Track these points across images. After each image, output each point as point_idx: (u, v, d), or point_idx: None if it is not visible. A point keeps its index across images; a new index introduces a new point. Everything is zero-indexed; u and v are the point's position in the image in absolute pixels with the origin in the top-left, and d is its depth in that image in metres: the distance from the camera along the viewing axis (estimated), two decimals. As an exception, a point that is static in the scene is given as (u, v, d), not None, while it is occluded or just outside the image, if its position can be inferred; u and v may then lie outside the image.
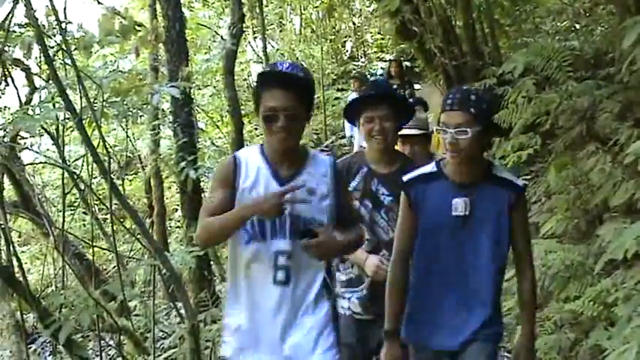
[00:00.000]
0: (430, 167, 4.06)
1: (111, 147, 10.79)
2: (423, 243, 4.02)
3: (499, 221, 3.91)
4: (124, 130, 11.87)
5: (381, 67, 24.94)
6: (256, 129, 22.47)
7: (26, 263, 14.78)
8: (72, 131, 9.31)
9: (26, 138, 9.84)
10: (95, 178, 9.84)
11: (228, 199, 3.75)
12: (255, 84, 3.95)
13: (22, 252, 15.29)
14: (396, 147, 5.03)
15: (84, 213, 15.11)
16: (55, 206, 13.77)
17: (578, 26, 12.30)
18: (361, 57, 28.53)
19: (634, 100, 7.90)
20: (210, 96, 21.50)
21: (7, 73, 8.12)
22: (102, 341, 8.47)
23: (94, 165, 6.99)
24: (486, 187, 3.92)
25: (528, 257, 4.09)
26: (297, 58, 26.33)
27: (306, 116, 3.77)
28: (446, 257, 3.96)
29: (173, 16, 10.68)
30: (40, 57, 7.96)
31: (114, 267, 12.63)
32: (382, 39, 28.23)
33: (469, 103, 3.71)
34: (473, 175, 3.91)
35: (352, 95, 11.79)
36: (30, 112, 7.18)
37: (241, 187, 3.78)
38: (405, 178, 4.07)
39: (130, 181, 20.09)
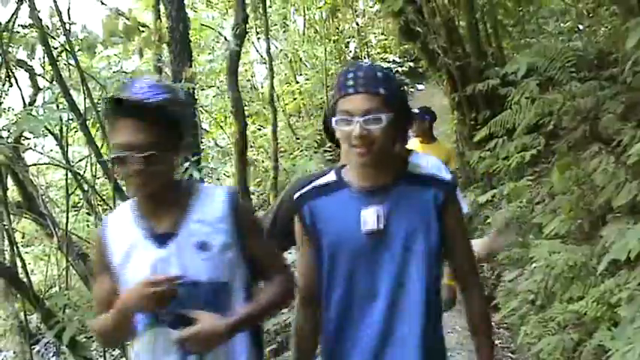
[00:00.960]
0: (327, 176, 3.25)
1: (114, 147, 10.77)
2: (331, 275, 3.15)
3: (426, 231, 3.05)
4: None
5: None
6: (259, 129, 22.53)
7: (30, 264, 14.80)
8: (76, 132, 9.35)
9: (30, 139, 9.86)
10: (99, 178, 9.85)
11: (108, 286, 3.03)
12: (105, 111, 3.11)
13: (26, 253, 15.30)
14: None
15: (87, 214, 15.10)
16: (58, 207, 13.77)
17: (581, 27, 12.30)
18: (365, 57, 28.53)
19: (637, 100, 7.90)
20: (214, 96, 21.57)
21: (11, 73, 8.14)
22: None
23: (98, 166, 7.01)
24: (404, 189, 3.09)
25: (472, 270, 3.27)
26: (301, 59, 26.38)
27: (176, 148, 2.93)
28: (361, 288, 3.11)
29: (177, 16, 10.70)
30: (43, 58, 8.00)
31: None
32: (386, 39, 28.30)
33: (377, 83, 2.89)
34: (385, 177, 3.08)
35: None
36: (34, 112, 7.19)
37: (116, 266, 3.01)
38: (296, 195, 3.23)
39: (134, 181, 20.10)
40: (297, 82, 25.26)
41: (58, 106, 7.04)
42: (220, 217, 2.97)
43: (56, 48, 7.40)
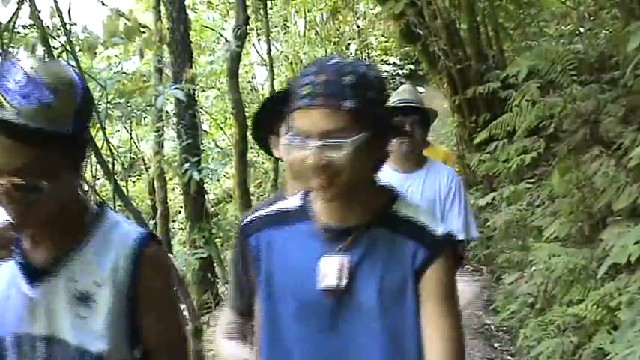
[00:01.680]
0: (290, 201, 2.44)
1: (115, 148, 10.80)
2: (272, 343, 2.35)
3: (400, 296, 2.19)
4: (127, 131, 11.89)
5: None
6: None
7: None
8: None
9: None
10: (99, 179, 9.87)
11: None
12: None
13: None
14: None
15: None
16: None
17: (582, 30, 12.28)
18: (365, 60, 28.51)
19: (638, 104, 7.90)
20: (214, 98, 21.58)
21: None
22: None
23: (98, 166, 7.01)
24: (381, 235, 2.23)
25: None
26: (302, 61, 26.38)
27: (69, 169, 2.11)
28: None
29: (177, 18, 10.71)
30: (44, 58, 7.97)
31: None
32: (386, 42, 28.33)
33: (344, 92, 2.01)
34: (357, 216, 2.23)
35: None
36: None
37: None
38: (244, 221, 2.48)
39: (134, 182, 20.18)
40: (298, 84, 25.20)
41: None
42: (117, 266, 2.15)
43: (57, 48, 7.39)
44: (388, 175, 4.14)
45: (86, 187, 7.81)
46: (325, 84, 2.03)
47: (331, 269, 2.20)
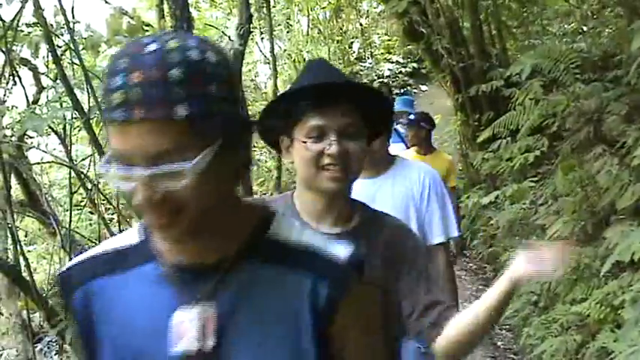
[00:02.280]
0: (128, 236, 1.75)
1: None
2: None
3: (295, 355, 1.59)
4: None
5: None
6: (263, 130, 22.50)
7: (33, 262, 14.79)
8: (79, 131, 9.35)
9: (33, 137, 9.86)
10: (102, 177, 9.84)
11: None
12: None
13: (29, 251, 15.29)
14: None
15: (90, 212, 15.11)
16: (61, 206, 13.78)
17: (585, 28, 12.28)
18: (368, 58, 28.53)
19: (641, 102, 7.89)
20: (218, 96, 21.51)
21: (14, 72, 8.14)
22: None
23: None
24: (257, 271, 1.62)
25: None
26: (305, 59, 26.37)
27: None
28: None
29: (181, 16, 10.64)
30: (47, 56, 7.98)
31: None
32: (389, 40, 28.25)
33: (171, 93, 1.37)
34: (219, 248, 1.62)
35: None
36: (37, 111, 7.18)
37: None
38: (60, 270, 1.83)
39: (137, 180, 20.14)
40: (301, 82, 25.20)
41: (61, 105, 7.04)
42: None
43: (60, 47, 7.39)
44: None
45: (89, 185, 7.82)
46: (142, 86, 1.37)
47: (189, 327, 1.57)
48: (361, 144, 2.48)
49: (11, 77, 8.11)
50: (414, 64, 26.01)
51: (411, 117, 8.11)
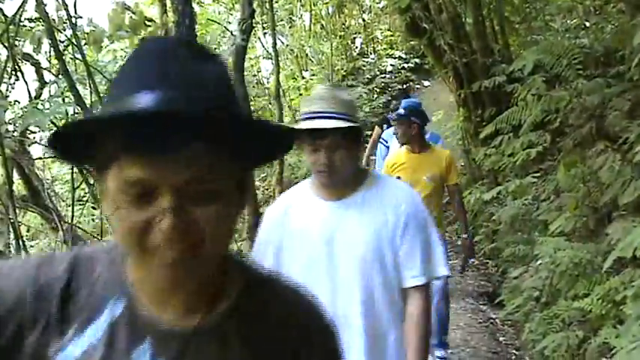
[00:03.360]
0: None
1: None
2: None
3: None
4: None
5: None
6: (265, 125, 22.53)
7: (35, 257, 14.80)
8: (81, 126, 9.35)
9: (36, 132, 9.88)
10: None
11: None
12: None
13: (31, 246, 15.32)
14: None
15: (93, 207, 15.13)
16: (64, 201, 13.79)
17: (588, 24, 12.27)
18: (371, 53, 28.53)
19: (644, 98, 7.89)
20: (220, 92, 21.53)
21: (17, 67, 8.16)
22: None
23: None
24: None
25: None
26: (307, 54, 26.37)
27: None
28: None
29: (183, 11, 10.65)
30: (50, 51, 8.00)
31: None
32: (392, 35, 28.23)
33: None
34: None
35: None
36: (40, 106, 7.20)
37: None
38: None
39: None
40: (303, 78, 25.25)
41: (64, 100, 7.05)
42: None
43: (62, 42, 7.40)
44: (314, 204, 3.33)
45: (91, 181, 7.83)
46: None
47: None
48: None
49: (14, 72, 8.13)
50: (417, 60, 25.98)
51: (401, 111, 7.28)
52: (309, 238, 3.27)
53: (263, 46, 24.70)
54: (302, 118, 3.23)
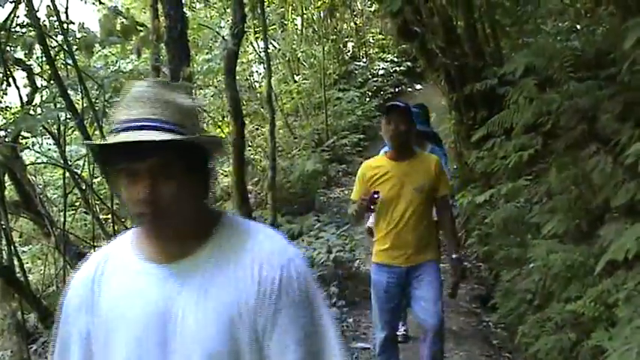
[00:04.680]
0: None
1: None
2: None
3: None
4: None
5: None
6: (257, 128, 22.57)
7: (27, 263, 14.79)
8: (73, 131, 9.35)
9: (28, 138, 9.87)
10: (96, 178, 9.85)
11: None
12: None
13: (23, 252, 15.31)
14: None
15: (85, 213, 15.11)
16: (56, 206, 13.79)
17: (579, 27, 12.29)
18: (363, 57, 28.60)
19: (635, 100, 7.89)
20: (212, 96, 21.59)
21: (9, 73, 8.14)
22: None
23: (95, 165, 7.00)
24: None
25: None
26: (299, 58, 26.39)
27: None
28: None
29: (175, 16, 10.67)
30: (41, 57, 7.99)
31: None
32: (384, 39, 28.36)
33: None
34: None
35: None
36: (31, 112, 7.21)
37: None
38: None
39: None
40: (295, 82, 25.29)
41: (55, 106, 7.07)
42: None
43: (54, 47, 7.40)
44: (135, 270, 2.24)
45: (83, 186, 7.82)
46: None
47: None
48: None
49: (5, 78, 8.12)
50: (409, 63, 26.08)
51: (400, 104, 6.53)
52: (128, 328, 2.18)
53: (255, 50, 24.73)
54: (114, 129, 2.09)
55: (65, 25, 6.95)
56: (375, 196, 5.85)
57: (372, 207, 5.94)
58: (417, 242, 6.15)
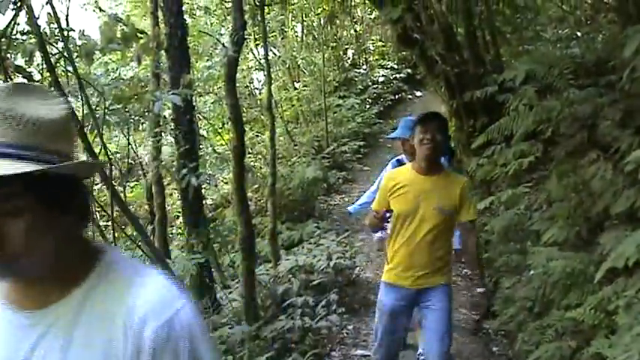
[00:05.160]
0: None
1: (112, 154, 10.80)
2: None
3: None
4: (125, 137, 11.90)
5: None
6: (258, 135, 22.56)
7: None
8: (73, 138, 9.34)
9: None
10: (97, 184, 9.86)
11: None
12: None
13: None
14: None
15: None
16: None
17: (579, 34, 12.30)
18: (363, 64, 28.60)
19: (635, 107, 7.90)
20: (212, 103, 21.57)
21: (9, 80, 8.14)
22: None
23: (95, 172, 7.00)
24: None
25: None
26: (299, 65, 26.38)
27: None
28: None
29: (175, 23, 10.69)
30: (42, 64, 7.98)
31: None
32: (384, 46, 28.37)
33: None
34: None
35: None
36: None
37: None
38: None
39: (132, 187, 20.19)
40: (296, 89, 25.29)
41: (56, 113, 7.04)
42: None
43: (54, 54, 7.39)
44: None
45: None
46: None
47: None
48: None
49: (5, 85, 8.12)
50: (409, 70, 26.11)
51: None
52: None
53: (255, 58, 24.72)
54: None
55: (66, 33, 6.95)
56: (387, 215, 5.55)
57: (384, 224, 5.72)
58: (429, 264, 5.69)
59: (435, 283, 5.76)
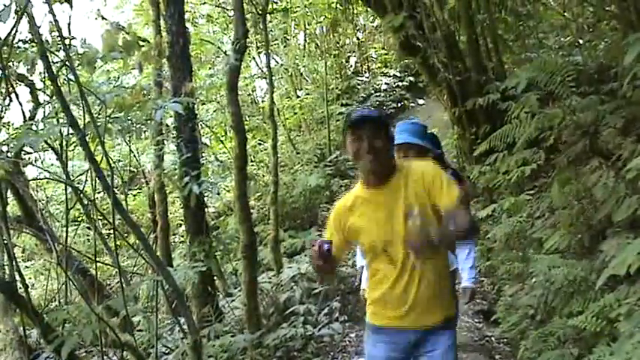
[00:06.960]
0: None
1: (114, 162, 10.80)
2: None
3: None
4: (127, 145, 11.92)
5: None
6: (260, 144, 22.57)
7: (30, 278, 14.80)
8: (75, 147, 9.35)
9: (30, 153, 9.87)
10: (99, 193, 9.86)
11: None
12: None
13: (26, 267, 15.32)
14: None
15: (87, 228, 15.13)
16: (58, 221, 13.79)
17: (581, 41, 12.31)
18: (365, 72, 28.61)
19: (637, 115, 7.90)
20: (214, 111, 21.59)
21: (11, 88, 8.16)
22: (105, 357, 8.47)
23: (98, 180, 7.00)
24: None
25: None
26: (301, 73, 26.40)
27: None
28: None
29: (177, 31, 10.70)
30: (43, 73, 7.99)
31: (117, 282, 12.66)
32: (386, 54, 28.36)
33: None
34: None
35: None
36: (34, 127, 7.20)
37: None
38: None
39: (134, 196, 20.21)
40: (298, 97, 25.30)
41: (58, 121, 7.05)
42: None
43: (56, 63, 7.40)
44: None
45: (86, 201, 7.82)
46: None
47: None
48: None
49: (8, 94, 8.13)
50: (411, 78, 26.10)
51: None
52: None
53: (257, 66, 24.75)
54: None
55: (67, 41, 6.96)
56: (326, 247, 3.89)
57: (325, 263, 3.95)
58: (423, 296, 4.11)
59: (437, 321, 4.19)
